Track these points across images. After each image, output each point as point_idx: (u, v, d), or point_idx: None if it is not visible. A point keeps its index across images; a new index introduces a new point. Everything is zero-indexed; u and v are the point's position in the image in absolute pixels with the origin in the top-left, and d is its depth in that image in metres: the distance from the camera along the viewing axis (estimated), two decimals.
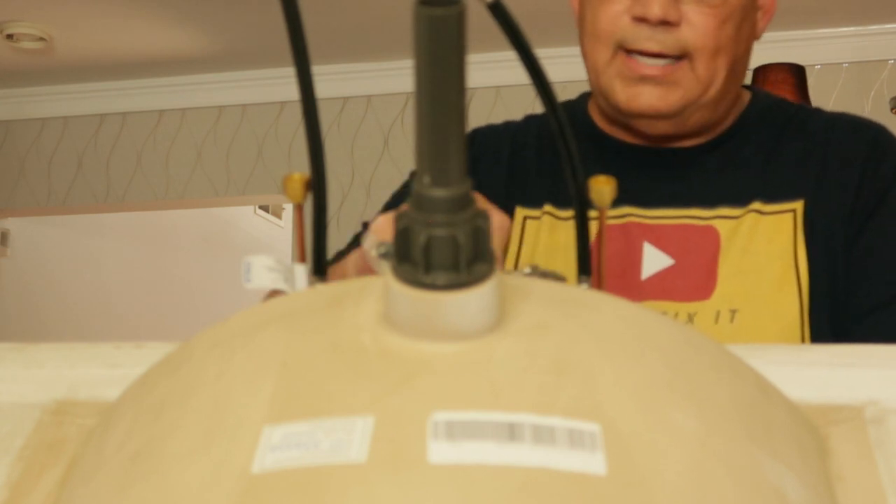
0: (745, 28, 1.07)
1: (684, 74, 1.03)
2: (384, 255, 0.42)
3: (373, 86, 3.73)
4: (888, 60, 3.38)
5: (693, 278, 1.06)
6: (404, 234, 0.39)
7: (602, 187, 0.52)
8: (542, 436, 0.36)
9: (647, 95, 1.04)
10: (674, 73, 1.03)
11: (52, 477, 0.46)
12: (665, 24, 1.01)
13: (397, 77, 3.65)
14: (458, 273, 0.39)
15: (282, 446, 0.37)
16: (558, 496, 0.34)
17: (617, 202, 1.08)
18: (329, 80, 3.65)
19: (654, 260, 1.07)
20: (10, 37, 3.44)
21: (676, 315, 1.05)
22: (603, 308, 0.44)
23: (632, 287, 1.06)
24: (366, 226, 1.24)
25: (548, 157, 1.16)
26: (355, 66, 3.69)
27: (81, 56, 3.67)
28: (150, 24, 3.38)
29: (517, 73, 3.46)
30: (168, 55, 3.66)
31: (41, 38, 3.47)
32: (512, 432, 0.36)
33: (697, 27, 1.02)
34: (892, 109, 3.27)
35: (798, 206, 1.07)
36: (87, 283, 4.85)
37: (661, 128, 1.08)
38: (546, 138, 1.17)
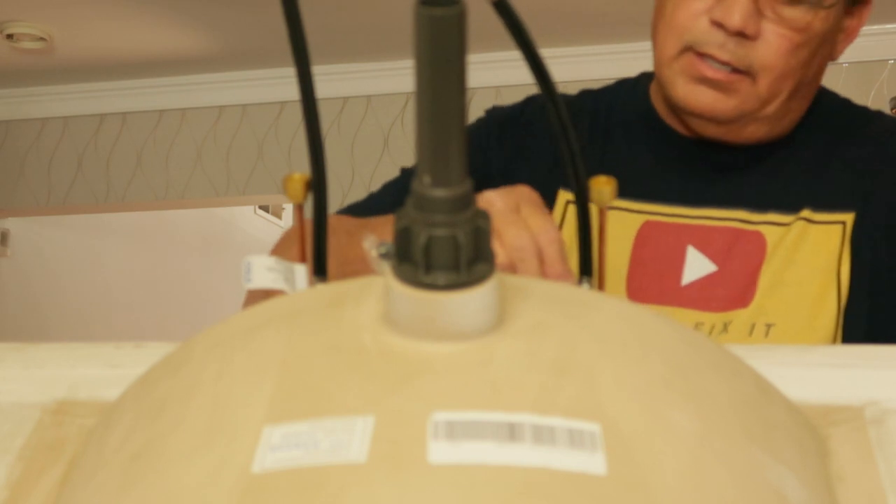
0: (822, 53, 1.05)
1: (745, 87, 1.02)
2: (384, 255, 0.42)
3: (373, 86, 3.73)
4: (888, 60, 3.38)
5: (733, 287, 1.04)
6: (404, 234, 0.39)
7: (602, 187, 0.52)
8: (543, 436, 0.36)
9: (704, 96, 1.03)
10: (735, 82, 1.02)
11: (52, 477, 0.46)
12: (741, 35, 1.00)
13: (397, 77, 3.65)
14: (459, 273, 0.39)
15: (282, 446, 0.37)
16: (558, 496, 0.34)
17: (666, 199, 1.07)
18: (329, 80, 3.65)
19: (696, 265, 1.05)
20: (10, 37, 3.44)
21: (713, 327, 1.03)
22: (604, 308, 0.44)
23: (670, 291, 1.05)
24: (405, 172, 1.20)
25: (597, 138, 1.14)
26: (355, 66, 3.69)
27: (81, 56, 3.67)
28: (150, 24, 3.38)
29: (518, 73, 3.46)
30: (168, 55, 3.66)
31: (41, 38, 3.47)
32: (512, 432, 0.36)
33: (771, 47, 1.00)
34: (892, 109, 3.27)
35: (848, 218, 1.04)
36: (87, 284, 4.85)
37: (713, 131, 1.06)
38: (598, 118, 1.16)
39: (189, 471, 0.37)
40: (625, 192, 1.09)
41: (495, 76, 3.45)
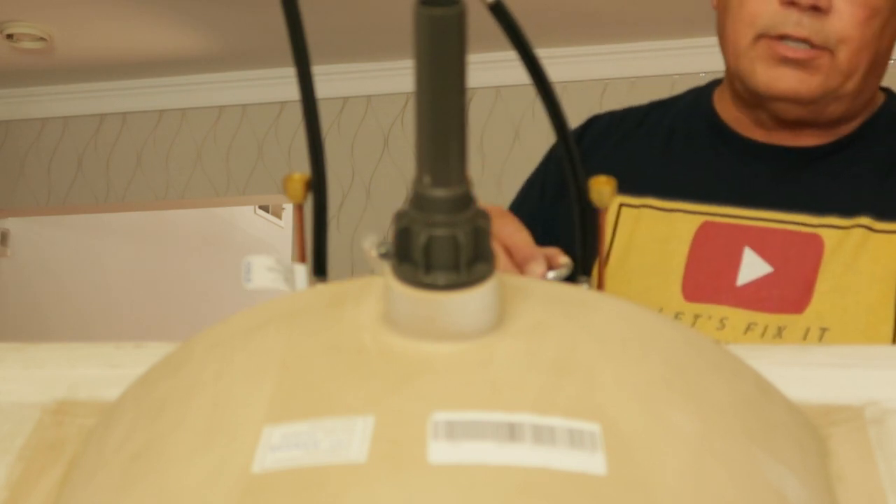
0: (893, 24, 1.06)
1: (826, 62, 1.02)
2: (384, 256, 0.42)
3: (373, 86, 3.73)
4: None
5: (789, 288, 1.04)
6: (404, 234, 0.39)
7: (602, 187, 0.52)
8: (543, 436, 0.36)
9: (787, 78, 1.03)
10: (816, 58, 1.02)
11: (52, 477, 0.46)
12: (815, 9, 1.00)
13: (397, 77, 3.65)
14: (459, 273, 0.39)
15: (282, 446, 0.37)
16: (558, 496, 0.34)
17: (726, 200, 1.08)
18: (329, 80, 3.64)
19: (752, 266, 1.05)
20: (10, 37, 3.44)
21: (766, 328, 1.03)
22: (603, 308, 0.44)
23: (725, 291, 1.05)
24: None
25: (657, 143, 1.15)
26: (355, 66, 3.69)
27: (81, 56, 3.67)
28: (150, 24, 3.38)
29: (517, 73, 3.45)
30: (168, 55, 3.66)
31: (41, 38, 3.47)
32: (512, 432, 0.36)
33: (845, 17, 1.01)
34: None
35: None
36: (87, 284, 4.85)
37: (797, 113, 1.07)
38: (661, 124, 1.17)
39: (189, 471, 0.37)
40: (685, 193, 1.10)
41: (495, 76, 3.44)
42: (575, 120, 1.23)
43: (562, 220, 1.15)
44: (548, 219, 1.14)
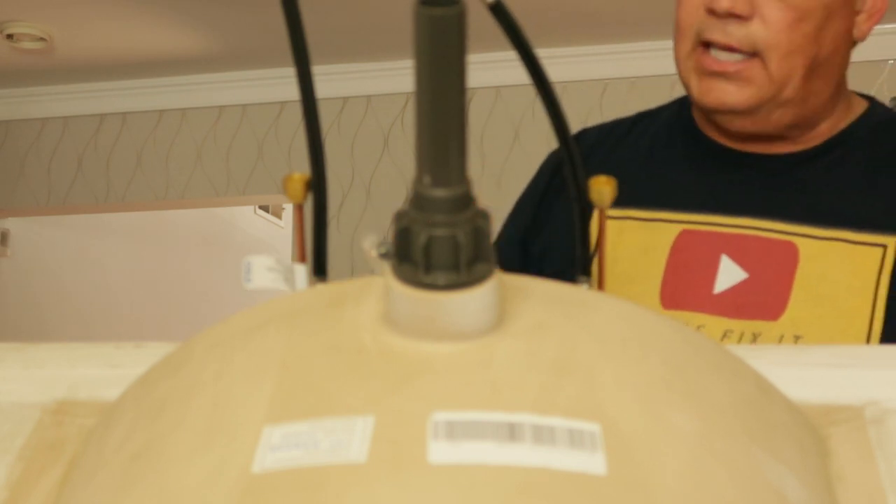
0: (833, 28, 1.03)
1: (757, 72, 1.01)
2: (384, 256, 0.42)
3: (373, 86, 3.73)
4: (888, 60, 3.38)
5: (765, 294, 1.03)
6: (404, 234, 0.39)
7: (602, 187, 0.52)
8: (543, 436, 0.36)
9: (717, 91, 1.03)
10: (745, 70, 1.01)
11: (52, 477, 0.46)
12: (734, 16, 1.00)
13: (397, 77, 3.65)
14: (459, 273, 0.39)
15: (282, 446, 0.37)
16: (558, 496, 0.34)
17: (704, 208, 1.08)
18: (329, 80, 3.64)
19: (729, 274, 1.05)
20: (10, 37, 3.44)
21: (742, 335, 1.02)
22: (603, 308, 0.44)
23: (703, 299, 1.05)
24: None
25: (642, 157, 1.15)
26: (355, 66, 3.69)
27: (81, 56, 3.67)
28: (150, 24, 3.38)
29: (517, 73, 3.43)
30: (168, 55, 3.66)
31: (41, 38, 3.46)
32: (512, 432, 0.36)
33: (770, 23, 1.00)
34: (892, 110, 3.26)
35: (891, 241, 1.02)
36: (87, 284, 4.85)
37: (740, 124, 1.06)
38: (645, 134, 1.17)
39: (189, 471, 0.37)
40: (665, 202, 1.10)
41: (495, 76, 3.44)
42: (574, 119, 1.24)
43: (556, 221, 1.15)
44: (541, 221, 1.14)
